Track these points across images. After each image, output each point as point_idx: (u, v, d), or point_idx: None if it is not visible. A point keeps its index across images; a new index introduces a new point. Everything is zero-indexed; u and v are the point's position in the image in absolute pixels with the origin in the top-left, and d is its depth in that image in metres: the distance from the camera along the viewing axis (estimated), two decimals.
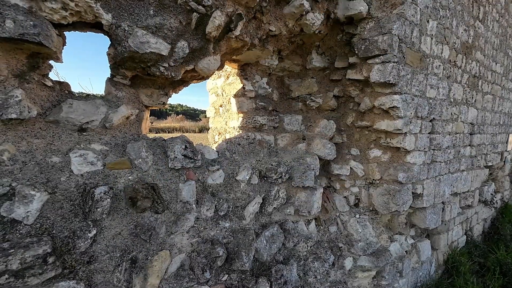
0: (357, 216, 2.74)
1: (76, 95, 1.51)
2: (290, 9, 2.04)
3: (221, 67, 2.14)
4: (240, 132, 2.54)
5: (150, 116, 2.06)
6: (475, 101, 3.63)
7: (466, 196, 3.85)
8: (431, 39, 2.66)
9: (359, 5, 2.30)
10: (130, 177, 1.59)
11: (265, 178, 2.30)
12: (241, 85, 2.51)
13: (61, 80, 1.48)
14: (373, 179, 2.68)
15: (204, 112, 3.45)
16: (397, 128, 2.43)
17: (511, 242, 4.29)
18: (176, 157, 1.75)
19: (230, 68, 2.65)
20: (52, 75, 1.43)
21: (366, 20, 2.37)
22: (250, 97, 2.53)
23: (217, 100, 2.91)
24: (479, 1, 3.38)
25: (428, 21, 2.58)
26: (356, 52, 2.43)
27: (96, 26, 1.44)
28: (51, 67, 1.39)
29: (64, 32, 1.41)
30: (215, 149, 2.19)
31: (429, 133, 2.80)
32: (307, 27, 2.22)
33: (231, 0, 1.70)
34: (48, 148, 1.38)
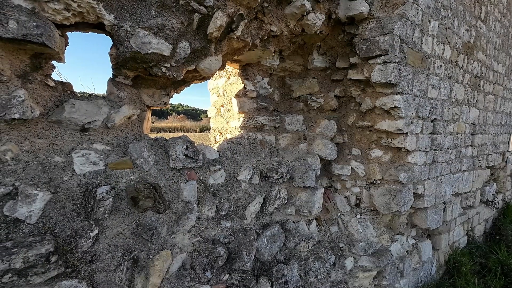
0: (358, 216, 2.74)
1: (79, 95, 1.52)
2: (292, 9, 2.04)
3: (222, 67, 2.15)
4: (241, 132, 2.55)
5: (151, 115, 2.07)
6: (476, 101, 3.62)
7: (468, 197, 3.84)
8: (433, 39, 2.66)
9: (361, 5, 2.30)
10: (132, 177, 1.60)
11: (266, 178, 2.30)
12: (242, 85, 2.52)
13: (64, 80, 1.49)
14: (374, 179, 2.68)
15: (205, 112, 3.46)
16: (398, 129, 2.43)
17: None
18: (177, 157, 1.76)
19: (231, 68, 2.65)
20: (55, 75, 1.44)
21: (368, 20, 2.37)
22: (251, 97, 2.53)
23: (218, 100, 2.92)
24: (481, 1, 3.37)
25: (429, 21, 2.58)
26: (357, 52, 2.43)
27: (98, 26, 1.45)
28: (53, 67, 1.40)
29: (67, 33, 1.42)
30: (216, 149, 2.19)
31: (430, 133, 2.80)
32: (308, 28, 2.23)
33: (233, 0, 1.70)
34: (51, 148, 1.39)
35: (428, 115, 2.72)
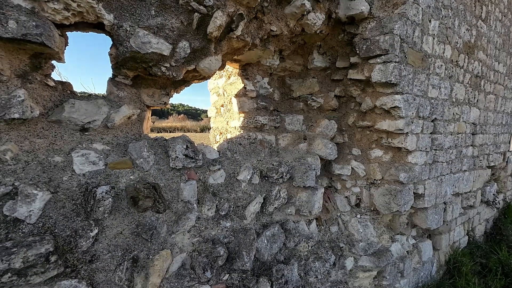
0: (358, 216, 2.74)
1: (78, 95, 1.52)
2: (291, 9, 2.04)
3: (222, 67, 2.15)
4: (241, 132, 2.55)
5: (151, 115, 2.07)
6: (477, 101, 3.62)
7: (468, 197, 3.83)
8: (433, 38, 2.65)
9: (361, 5, 2.30)
10: (131, 177, 1.60)
11: (266, 178, 2.30)
12: (242, 85, 2.51)
13: (63, 80, 1.49)
14: (374, 179, 2.68)
15: (206, 111, 3.46)
16: (398, 128, 2.42)
17: None
18: (177, 157, 1.76)
19: (231, 68, 2.65)
20: (55, 75, 1.44)
21: (368, 20, 2.37)
22: (251, 97, 2.53)
23: (218, 100, 2.92)
24: (481, 0, 3.36)
25: (430, 21, 2.57)
26: (358, 52, 2.43)
27: (98, 26, 1.45)
28: (53, 67, 1.40)
29: (66, 32, 1.42)
30: (216, 149, 2.19)
31: (430, 133, 2.79)
32: (308, 27, 2.22)
33: (232, 0, 1.70)
34: (51, 147, 1.39)
35: (429, 115, 2.72)
